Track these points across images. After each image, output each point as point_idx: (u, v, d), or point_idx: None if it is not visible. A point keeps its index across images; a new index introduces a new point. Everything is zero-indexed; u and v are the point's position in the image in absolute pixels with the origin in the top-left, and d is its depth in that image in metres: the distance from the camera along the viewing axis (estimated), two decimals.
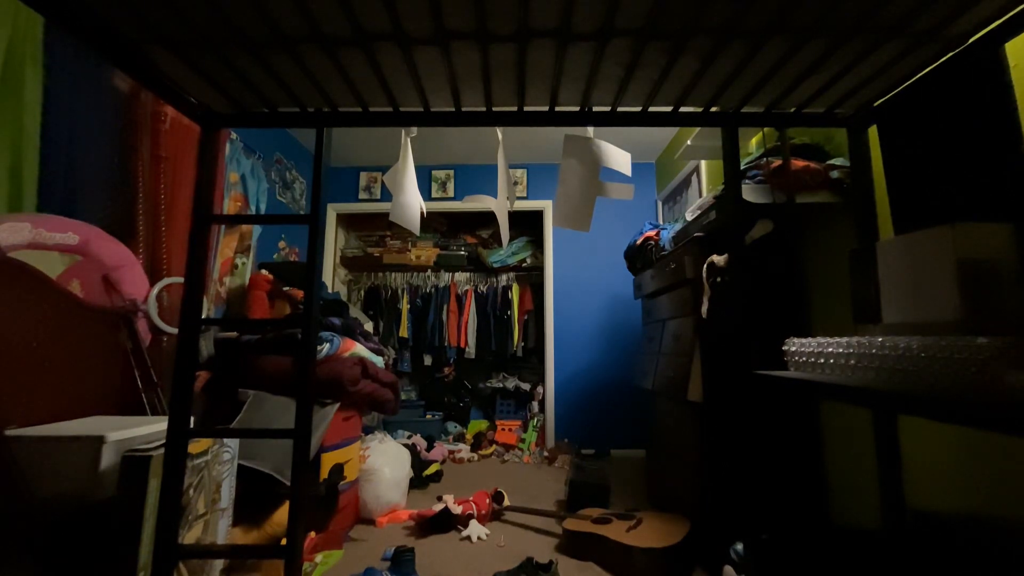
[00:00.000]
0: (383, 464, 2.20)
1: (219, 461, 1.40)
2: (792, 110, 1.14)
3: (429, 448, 3.19)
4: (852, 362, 0.86)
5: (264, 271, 2.61)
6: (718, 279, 1.60)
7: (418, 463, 2.68)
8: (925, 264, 0.81)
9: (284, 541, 1.11)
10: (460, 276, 4.19)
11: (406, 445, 2.79)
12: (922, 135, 1.02)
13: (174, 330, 1.75)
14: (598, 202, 3.71)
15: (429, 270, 4.21)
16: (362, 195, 3.84)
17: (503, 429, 3.62)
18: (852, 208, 1.25)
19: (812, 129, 1.69)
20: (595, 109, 1.14)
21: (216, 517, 1.38)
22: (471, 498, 2.15)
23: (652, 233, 2.36)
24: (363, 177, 3.86)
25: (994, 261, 0.75)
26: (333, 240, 3.92)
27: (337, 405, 1.91)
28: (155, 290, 1.76)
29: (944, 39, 0.90)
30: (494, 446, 3.49)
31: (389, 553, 1.71)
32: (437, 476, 2.73)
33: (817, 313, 1.68)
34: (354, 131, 3.29)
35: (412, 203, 1.55)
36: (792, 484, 1.59)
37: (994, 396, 0.60)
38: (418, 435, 3.44)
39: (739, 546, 1.44)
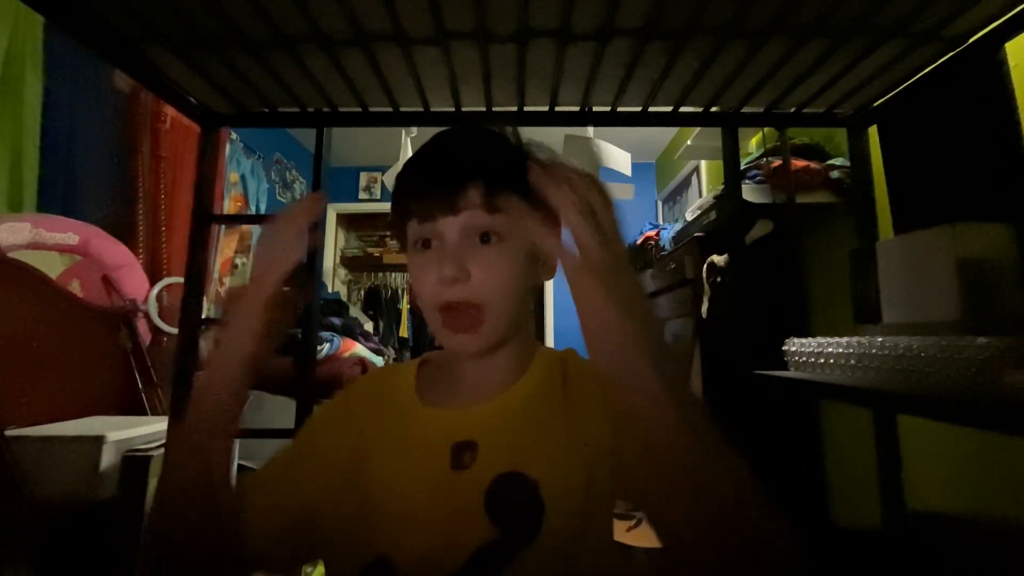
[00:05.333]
0: None
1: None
2: (792, 110, 1.14)
3: None
4: (852, 362, 0.86)
5: None
6: (718, 279, 1.60)
7: None
8: (925, 264, 0.81)
9: None
10: None
11: None
12: (922, 135, 1.01)
13: (174, 330, 1.75)
14: None
15: None
16: (362, 195, 3.83)
17: None
18: (852, 208, 1.25)
19: (812, 129, 1.69)
20: (595, 109, 1.14)
21: None
22: None
23: (652, 233, 2.36)
24: (363, 177, 3.85)
25: (994, 261, 0.75)
26: (333, 240, 3.92)
27: None
28: (155, 290, 1.76)
29: (944, 39, 0.90)
30: None
31: None
32: None
33: (817, 313, 1.68)
34: (354, 131, 3.28)
35: None
36: (792, 484, 1.59)
37: (994, 396, 0.60)
38: None
39: None
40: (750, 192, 1.51)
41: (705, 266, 1.64)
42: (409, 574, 0.40)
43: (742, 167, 1.62)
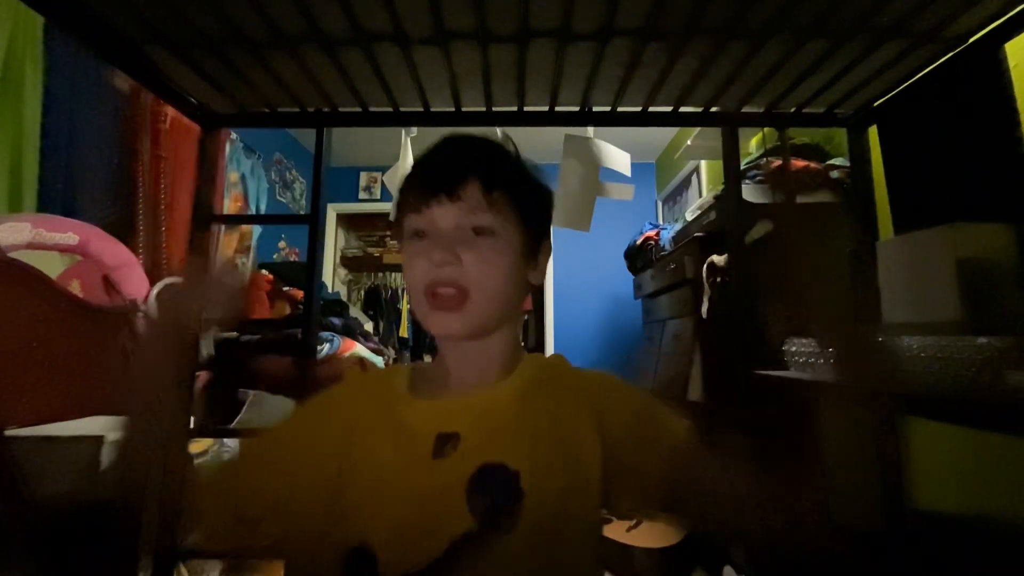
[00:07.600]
0: None
1: (219, 461, 1.40)
2: (792, 110, 1.14)
3: None
4: None
5: (264, 271, 2.60)
6: (718, 279, 1.60)
7: None
8: (925, 264, 0.81)
9: None
10: None
11: None
12: (922, 135, 1.01)
13: None
14: (598, 202, 3.69)
15: None
16: (362, 195, 3.83)
17: None
18: (852, 208, 1.25)
19: (812, 129, 1.69)
20: (595, 109, 1.14)
21: None
22: None
23: (652, 233, 2.36)
24: (363, 177, 3.85)
25: (994, 261, 0.75)
26: (333, 240, 3.92)
27: None
28: (155, 290, 1.75)
29: (944, 39, 0.90)
30: None
31: None
32: None
33: None
34: (354, 131, 3.27)
35: None
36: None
37: (994, 396, 0.60)
38: None
39: None
40: (750, 192, 1.51)
41: (705, 266, 1.64)
42: (388, 561, 0.40)
43: (742, 167, 1.62)
